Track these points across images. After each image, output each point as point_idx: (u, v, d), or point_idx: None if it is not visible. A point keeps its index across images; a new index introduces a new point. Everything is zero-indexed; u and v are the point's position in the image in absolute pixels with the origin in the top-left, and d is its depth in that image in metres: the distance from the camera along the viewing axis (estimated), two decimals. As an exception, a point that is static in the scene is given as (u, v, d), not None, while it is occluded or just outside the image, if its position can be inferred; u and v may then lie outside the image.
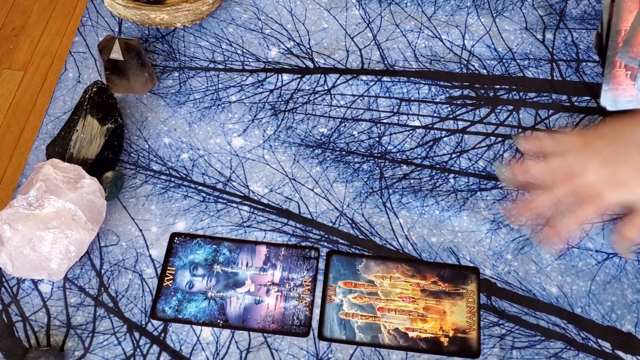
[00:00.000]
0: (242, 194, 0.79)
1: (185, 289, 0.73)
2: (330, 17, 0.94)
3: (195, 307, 0.72)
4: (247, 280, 0.74)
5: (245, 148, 0.83)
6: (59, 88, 0.88)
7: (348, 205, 0.78)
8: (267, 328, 0.71)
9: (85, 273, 0.74)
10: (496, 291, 0.73)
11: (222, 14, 0.94)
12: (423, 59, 0.90)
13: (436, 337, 0.70)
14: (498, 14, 0.94)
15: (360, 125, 0.84)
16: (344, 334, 0.70)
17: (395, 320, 0.71)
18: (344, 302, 0.72)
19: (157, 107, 0.86)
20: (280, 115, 0.85)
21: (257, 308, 0.72)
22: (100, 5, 0.95)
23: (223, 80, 0.88)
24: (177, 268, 0.74)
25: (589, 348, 0.70)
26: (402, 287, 0.73)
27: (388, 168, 0.81)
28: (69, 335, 0.70)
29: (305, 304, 0.72)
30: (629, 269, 0.74)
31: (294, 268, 0.74)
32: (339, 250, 0.75)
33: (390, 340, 0.70)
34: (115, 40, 0.82)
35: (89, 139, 0.78)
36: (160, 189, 0.79)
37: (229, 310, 0.72)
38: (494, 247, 0.75)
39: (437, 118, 0.85)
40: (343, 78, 0.88)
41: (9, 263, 0.70)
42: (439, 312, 0.72)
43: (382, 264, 0.74)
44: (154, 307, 0.72)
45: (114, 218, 0.77)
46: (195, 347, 0.70)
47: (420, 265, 0.74)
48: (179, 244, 0.76)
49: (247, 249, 0.75)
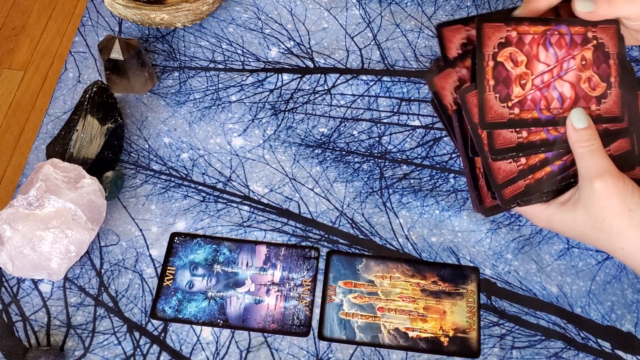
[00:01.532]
0: (242, 194, 0.79)
1: (186, 288, 0.73)
2: (331, 17, 0.94)
3: (196, 307, 0.72)
4: (247, 280, 0.74)
5: (246, 148, 0.83)
6: (59, 88, 0.88)
7: (348, 205, 0.78)
8: (267, 328, 0.71)
9: (86, 273, 0.74)
10: (496, 291, 0.73)
11: (222, 13, 0.94)
12: (423, 58, 0.90)
13: (436, 336, 0.70)
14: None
15: (360, 125, 0.84)
16: (344, 333, 0.70)
17: (395, 320, 0.71)
18: (344, 302, 0.72)
19: (157, 106, 0.86)
20: (281, 115, 0.85)
21: (257, 308, 0.72)
22: (101, 5, 0.95)
23: (223, 80, 0.88)
24: (177, 268, 0.74)
25: (588, 348, 0.70)
26: (402, 287, 0.73)
27: (388, 168, 0.81)
28: (69, 335, 0.70)
29: (305, 303, 0.72)
30: (629, 269, 0.74)
31: (294, 268, 0.74)
32: (339, 250, 0.75)
33: (390, 340, 0.70)
34: (116, 40, 0.82)
35: (89, 138, 0.78)
36: (160, 188, 0.80)
37: (229, 310, 0.72)
38: (494, 246, 0.75)
39: (437, 118, 0.85)
40: (343, 78, 0.88)
41: (9, 263, 0.70)
42: (439, 312, 0.72)
43: (382, 263, 0.74)
44: (154, 307, 0.72)
45: (114, 218, 0.77)
46: (195, 347, 0.70)
47: (420, 265, 0.74)
48: (179, 244, 0.76)
49: (247, 249, 0.75)
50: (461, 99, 0.60)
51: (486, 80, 0.59)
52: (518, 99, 0.59)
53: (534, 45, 0.60)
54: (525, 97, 0.60)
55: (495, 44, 0.60)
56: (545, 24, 0.60)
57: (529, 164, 0.60)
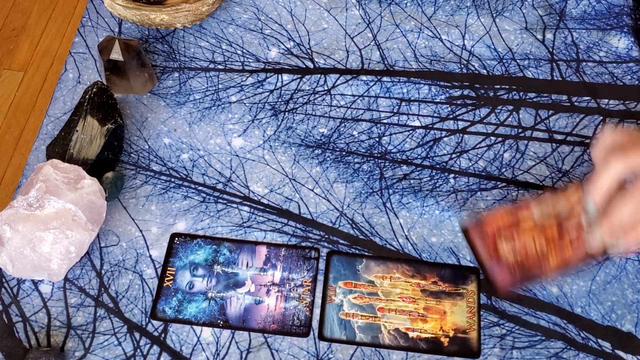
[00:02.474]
0: (242, 195, 0.79)
1: (186, 289, 0.73)
2: (330, 17, 0.94)
3: (196, 308, 0.72)
4: (247, 281, 0.74)
5: (246, 148, 0.83)
6: (59, 88, 0.88)
7: (348, 206, 0.78)
8: (268, 328, 0.71)
9: (86, 273, 0.74)
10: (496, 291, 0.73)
11: (222, 14, 0.94)
12: (423, 59, 0.90)
13: (436, 337, 0.70)
14: (498, 14, 0.94)
15: (360, 125, 0.84)
16: (344, 334, 0.70)
17: (395, 321, 0.71)
18: (344, 302, 0.72)
19: (157, 107, 0.86)
20: (280, 115, 0.85)
21: (257, 308, 0.72)
22: (100, 6, 0.95)
23: (223, 80, 0.88)
24: (177, 268, 0.74)
25: (589, 348, 0.70)
26: (402, 287, 0.73)
27: (388, 168, 0.81)
28: (70, 336, 0.70)
29: (306, 304, 0.72)
30: (629, 269, 0.74)
31: (294, 268, 0.74)
32: (339, 251, 0.75)
33: (391, 341, 0.70)
34: (115, 40, 0.82)
35: (89, 139, 0.78)
36: (160, 189, 0.80)
37: (229, 311, 0.72)
38: (494, 247, 0.75)
39: (437, 118, 0.85)
40: (343, 78, 0.88)
41: (9, 264, 0.70)
42: (439, 312, 0.72)
43: (382, 264, 0.74)
44: (154, 307, 0.72)
45: (114, 218, 0.77)
46: (195, 348, 0.70)
47: (421, 265, 0.74)
48: (179, 245, 0.76)
49: (247, 250, 0.75)
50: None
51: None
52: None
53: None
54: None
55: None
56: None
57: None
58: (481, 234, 0.66)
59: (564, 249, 0.64)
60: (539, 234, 0.65)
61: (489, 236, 0.66)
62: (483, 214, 0.69)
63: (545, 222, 0.65)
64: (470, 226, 0.67)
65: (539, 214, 0.65)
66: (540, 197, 0.67)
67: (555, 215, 0.64)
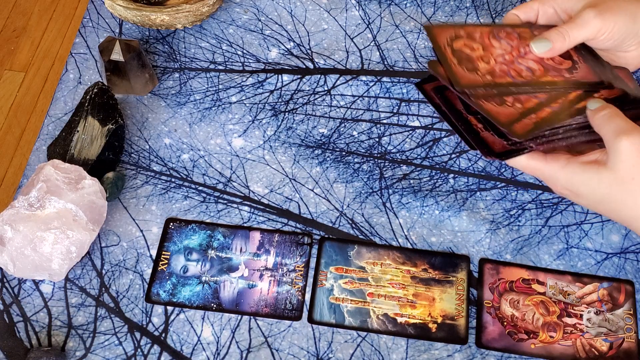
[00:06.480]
0: (243, 195, 0.80)
1: (180, 273, 0.74)
2: (330, 18, 0.94)
3: (190, 291, 0.73)
4: (240, 265, 0.74)
5: (246, 148, 0.83)
6: (59, 89, 0.88)
7: (348, 206, 0.79)
8: (260, 312, 0.71)
9: (86, 273, 0.74)
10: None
11: (222, 15, 0.94)
12: (423, 59, 0.90)
13: (424, 323, 0.71)
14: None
15: (360, 125, 0.85)
16: (334, 317, 0.71)
17: (384, 306, 0.72)
18: (334, 287, 0.73)
19: (157, 107, 0.86)
20: (281, 115, 0.85)
21: (250, 292, 0.73)
22: (101, 7, 0.95)
23: (223, 81, 0.88)
24: (171, 253, 0.75)
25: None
26: (393, 273, 0.73)
27: (388, 168, 0.81)
28: (70, 336, 0.70)
29: (298, 288, 0.73)
30: (628, 269, 0.74)
31: (287, 254, 0.75)
32: (331, 237, 0.75)
33: (379, 325, 0.70)
34: (116, 41, 0.82)
35: (90, 139, 0.78)
36: (160, 189, 0.80)
37: (222, 294, 0.72)
38: (493, 247, 0.76)
39: (437, 118, 0.85)
40: (343, 79, 0.88)
41: (10, 263, 0.70)
42: (428, 298, 0.72)
43: (373, 250, 0.75)
44: (149, 290, 0.72)
45: (115, 218, 0.78)
46: (196, 347, 0.70)
47: (412, 252, 0.75)
48: (173, 230, 0.76)
49: (241, 235, 0.76)
50: (433, 70, 0.60)
51: (449, 59, 0.59)
52: (486, 70, 0.59)
53: (485, 38, 0.61)
54: (493, 68, 0.59)
55: (447, 37, 0.61)
56: (489, 25, 0.61)
57: (527, 107, 0.59)
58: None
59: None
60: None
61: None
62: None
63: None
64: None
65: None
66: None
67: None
